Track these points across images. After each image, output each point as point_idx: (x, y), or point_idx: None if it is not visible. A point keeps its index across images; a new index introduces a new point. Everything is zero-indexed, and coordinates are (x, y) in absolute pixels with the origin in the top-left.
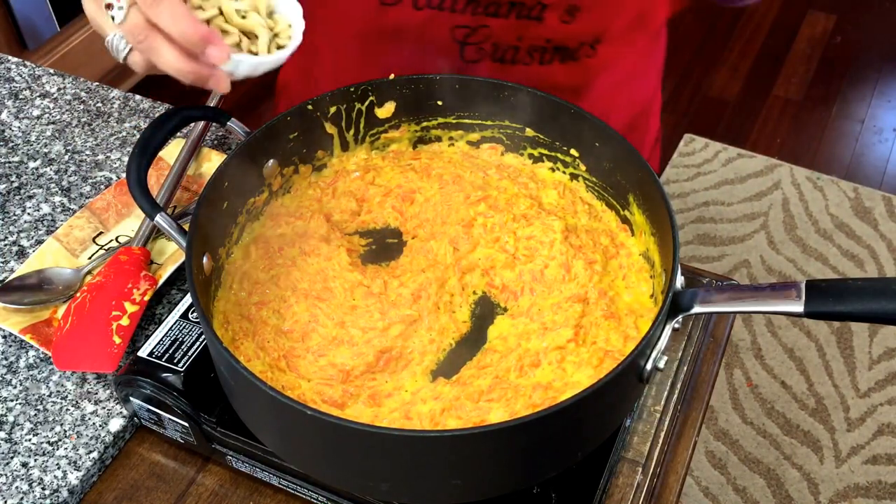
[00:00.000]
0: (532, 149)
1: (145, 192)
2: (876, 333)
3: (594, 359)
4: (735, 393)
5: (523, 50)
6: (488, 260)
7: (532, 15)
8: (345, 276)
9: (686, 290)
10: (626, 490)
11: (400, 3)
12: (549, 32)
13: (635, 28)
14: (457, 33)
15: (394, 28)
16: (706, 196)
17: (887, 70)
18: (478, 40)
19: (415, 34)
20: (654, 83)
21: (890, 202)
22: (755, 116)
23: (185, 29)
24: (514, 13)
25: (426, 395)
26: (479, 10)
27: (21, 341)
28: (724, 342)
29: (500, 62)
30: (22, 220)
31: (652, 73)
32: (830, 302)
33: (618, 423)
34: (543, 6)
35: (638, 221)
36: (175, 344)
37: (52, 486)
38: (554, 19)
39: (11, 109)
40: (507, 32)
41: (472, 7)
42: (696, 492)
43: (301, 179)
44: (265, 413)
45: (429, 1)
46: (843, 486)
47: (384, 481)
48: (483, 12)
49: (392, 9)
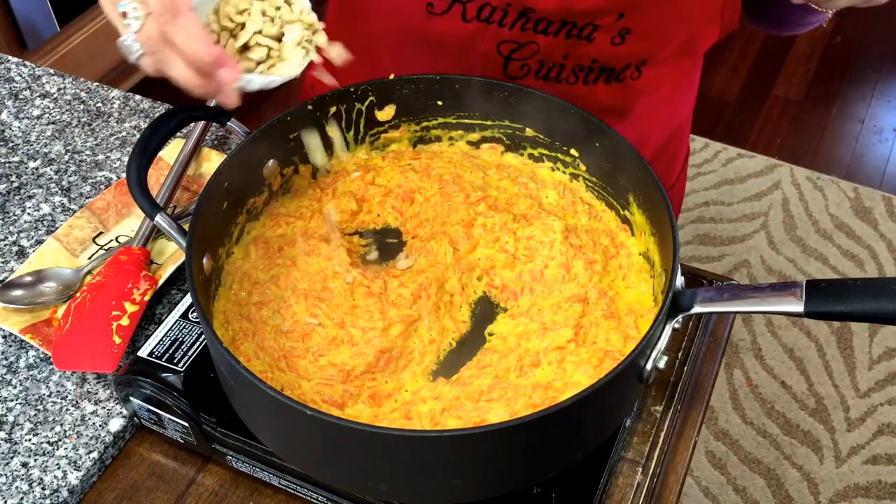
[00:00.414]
0: (532, 149)
1: (145, 192)
2: (876, 333)
3: (594, 359)
4: (735, 393)
5: (568, 68)
6: (488, 260)
7: (582, 35)
8: (345, 276)
9: (686, 290)
10: (626, 490)
11: (448, 13)
12: (597, 53)
13: (682, 52)
14: (503, 48)
15: (438, 38)
16: (706, 196)
17: (887, 70)
18: (523, 56)
19: (459, 46)
20: (691, 102)
21: (890, 202)
22: (755, 116)
23: (199, 50)
24: (564, 32)
25: (426, 394)
26: (529, 26)
27: (21, 341)
28: (724, 342)
29: (545, 79)
30: (22, 220)
31: (690, 93)
32: (830, 302)
33: (618, 423)
34: (595, 27)
35: (638, 221)
36: (175, 344)
37: (52, 486)
38: (605, 40)
39: (11, 109)
40: (555, 50)
41: (521, 23)
42: (696, 492)
43: (301, 179)
44: (265, 413)
45: (478, 14)
46: (843, 486)
47: (384, 481)
48: (533, 29)
49: (439, 18)
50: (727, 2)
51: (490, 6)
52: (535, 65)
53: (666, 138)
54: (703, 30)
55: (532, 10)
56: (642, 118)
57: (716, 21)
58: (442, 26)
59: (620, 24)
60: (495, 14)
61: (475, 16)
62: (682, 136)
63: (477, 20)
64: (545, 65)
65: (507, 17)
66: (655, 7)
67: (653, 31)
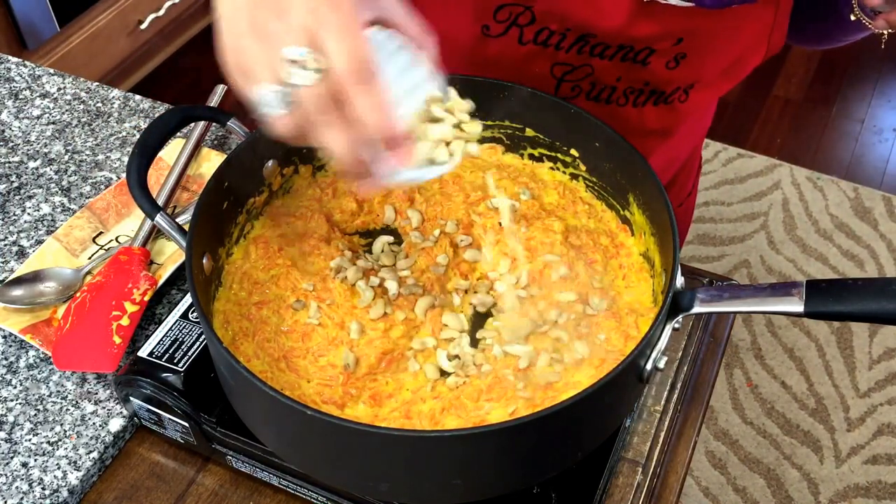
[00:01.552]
0: (532, 149)
1: (145, 192)
2: (876, 333)
3: (594, 359)
4: (735, 393)
5: (620, 91)
6: (488, 260)
7: (638, 59)
8: (344, 276)
9: (686, 290)
10: (626, 490)
11: (504, 36)
12: (650, 76)
13: (728, 75)
14: (556, 70)
15: (492, 59)
16: (706, 196)
17: (887, 70)
18: (577, 78)
19: (513, 67)
20: (709, 121)
21: (890, 202)
22: (755, 116)
23: (385, 122)
24: (620, 56)
25: (426, 394)
26: (586, 49)
27: (21, 341)
28: (724, 342)
29: (595, 101)
30: (22, 220)
31: (712, 111)
32: (830, 302)
33: (618, 423)
34: (652, 51)
35: (638, 221)
36: (175, 344)
37: (52, 486)
38: (659, 64)
39: (11, 109)
40: (608, 73)
41: (578, 46)
42: (696, 492)
43: (301, 179)
44: (265, 413)
45: (535, 37)
46: (843, 486)
47: (384, 481)
48: (589, 53)
49: (495, 40)
50: (777, 25)
51: (548, 30)
52: (588, 86)
53: (690, 151)
54: (751, 53)
55: (592, 35)
56: (684, 139)
57: (763, 44)
58: (497, 48)
59: (677, 49)
60: (553, 38)
61: (532, 39)
62: (696, 154)
63: (534, 43)
64: (597, 86)
65: (565, 41)
66: (712, 32)
67: (707, 56)
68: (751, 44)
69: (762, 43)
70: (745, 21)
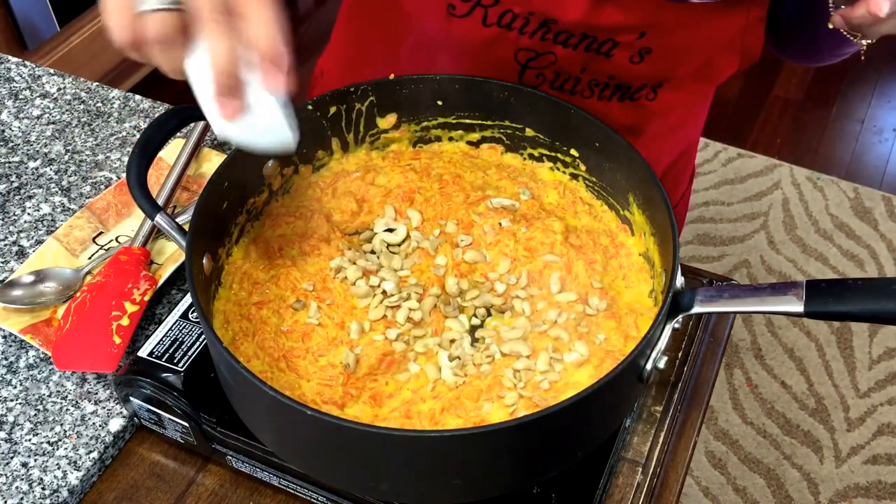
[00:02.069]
0: (532, 149)
1: (145, 192)
2: (876, 333)
3: (594, 359)
4: (735, 393)
5: (584, 82)
6: (488, 261)
7: (601, 50)
8: (344, 276)
9: (686, 290)
10: (626, 490)
11: (469, 16)
12: (615, 70)
13: (699, 78)
14: (520, 56)
15: (457, 41)
16: (706, 196)
17: (887, 70)
18: (540, 65)
19: (477, 50)
20: (701, 124)
21: (890, 202)
22: (755, 116)
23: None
24: (584, 45)
25: (426, 394)
26: (549, 36)
27: (21, 341)
28: (724, 342)
29: (559, 90)
30: (22, 220)
31: (701, 116)
32: (830, 302)
33: (618, 423)
34: (615, 43)
35: (638, 221)
36: (175, 344)
37: (52, 486)
38: (623, 58)
39: (11, 109)
40: (572, 63)
41: (542, 32)
42: (696, 492)
43: (301, 179)
44: (265, 413)
45: (499, 19)
46: (843, 486)
47: (384, 481)
48: (552, 40)
49: (459, 21)
50: (748, 30)
51: (512, 13)
52: (551, 75)
53: (674, 159)
54: (722, 57)
55: (554, 21)
56: (654, 140)
57: (735, 50)
58: (461, 29)
59: (641, 44)
60: (516, 21)
61: (496, 21)
62: (689, 156)
63: (497, 25)
64: (561, 76)
65: (528, 26)
66: (677, 29)
67: (672, 54)
68: (720, 46)
69: (734, 47)
70: (711, 22)
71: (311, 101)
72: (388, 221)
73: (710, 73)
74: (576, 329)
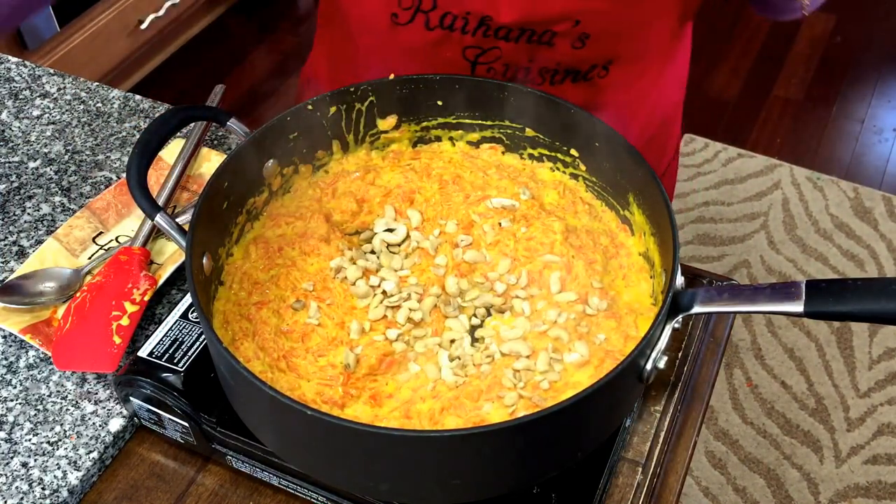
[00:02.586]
0: (532, 149)
1: (145, 192)
2: (876, 333)
3: (594, 359)
4: (735, 393)
5: (534, 71)
6: (488, 261)
7: (542, 40)
8: (344, 276)
9: (686, 290)
10: (626, 490)
11: (412, 23)
12: (560, 56)
13: (649, 49)
14: (468, 53)
15: (407, 46)
16: (706, 196)
17: (887, 70)
18: (488, 60)
19: (426, 52)
20: (677, 91)
21: (890, 202)
22: (755, 116)
23: None
24: (525, 38)
25: (426, 393)
26: (490, 33)
27: (21, 341)
28: (724, 342)
29: (511, 81)
30: (22, 220)
31: (673, 82)
32: (830, 302)
33: (618, 423)
34: (554, 33)
35: (638, 221)
36: (175, 344)
37: (52, 486)
38: (565, 45)
39: (11, 109)
40: (518, 55)
41: (482, 30)
42: (696, 492)
43: (301, 179)
44: (265, 413)
45: (441, 22)
46: (843, 486)
47: (384, 481)
48: (494, 36)
49: (405, 28)
50: None
51: (451, 14)
52: (501, 67)
53: (652, 131)
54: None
55: (490, 18)
56: (619, 115)
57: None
58: (408, 35)
59: (578, 31)
60: (457, 22)
61: (438, 24)
62: (670, 125)
63: (441, 28)
64: (510, 68)
65: (469, 25)
66: (610, 12)
67: (611, 35)
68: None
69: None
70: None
71: (310, 101)
72: (388, 221)
73: (661, 44)
74: (576, 329)
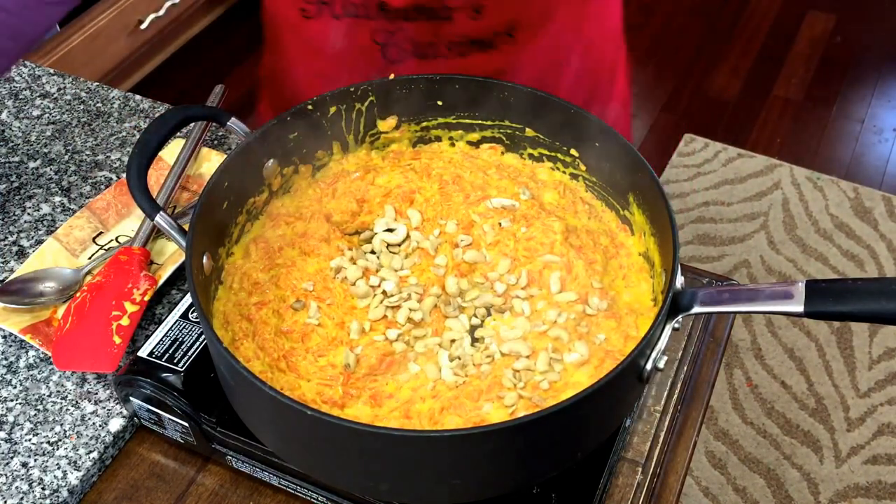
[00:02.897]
0: (532, 149)
1: (145, 192)
2: (876, 333)
3: (594, 359)
4: (735, 393)
5: (442, 45)
6: (488, 261)
7: (441, 16)
8: (344, 276)
9: (686, 290)
10: (626, 490)
11: (320, 16)
12: (462, 29)
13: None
14: (377, 37)
15: (320, 39)
16: (706, 196)
17: (887, 70)
18: (397, 42)
19: (339, 41)
20: (611, 47)
21: (890, 202)
22: (755, 116)
23: None
24: (424, 16)
25: (426, 393)
26: (392, 16)
27: (21, 341)
28: (724, 342)
29: (422, 58)
30: (22, 220)
31: (602, 39)
32: (830, 302)
33: (618, 423)
34: (449, 8)
35: (638, 221)
36: (175, 344)
37: (52, 486)
38: (462, 17)
39: (11, 109)
40: (423, 32)
41: (384, 14)
42: (696, 492)
43: (301, 179)
44: (265, 413)
45: (345, 10)
46: (843, 486)
47: (384, 481)
48: (396, 17)
49: (315, 21)
50: None
51: (353, 3)
52: (410, 46)
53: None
54: None
55: (385, 3)
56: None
57: None
58: (319, 28)
59: (472, 3)
60: (359, 9)
61: (342, 12)
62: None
63: (346, 15)
64: (419, 46)
65: (371, 10)
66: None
67: (505, 2)
68: None
69: None
70: None
71: (310, 101)
72: (388, 221)
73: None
74: (576, 329)
